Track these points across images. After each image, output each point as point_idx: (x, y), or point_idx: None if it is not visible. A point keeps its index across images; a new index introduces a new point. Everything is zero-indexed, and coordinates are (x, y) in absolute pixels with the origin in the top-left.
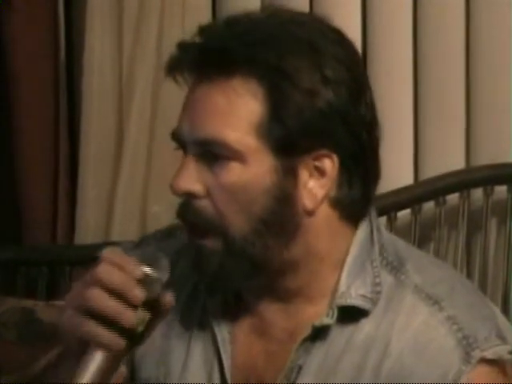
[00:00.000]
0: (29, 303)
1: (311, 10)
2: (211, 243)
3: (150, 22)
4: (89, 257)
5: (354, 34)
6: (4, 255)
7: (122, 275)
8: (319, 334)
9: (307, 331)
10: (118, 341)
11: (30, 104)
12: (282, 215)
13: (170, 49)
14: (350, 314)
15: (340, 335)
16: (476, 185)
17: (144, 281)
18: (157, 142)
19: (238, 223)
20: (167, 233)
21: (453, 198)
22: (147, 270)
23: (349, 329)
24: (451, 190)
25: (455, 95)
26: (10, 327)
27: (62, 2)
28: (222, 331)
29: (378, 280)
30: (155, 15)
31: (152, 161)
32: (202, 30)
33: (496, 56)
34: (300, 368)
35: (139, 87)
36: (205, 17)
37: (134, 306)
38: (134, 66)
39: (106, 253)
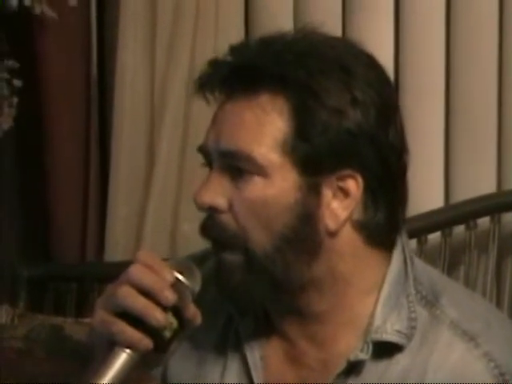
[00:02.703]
0: (58, 320)
1: (344, 32)
2: (232, 257)
3: (183, 39)
4: (118, 274)
5: (387, 54)
6: (34, 272)
7: (154, 276)
8: (353, 368)
9: (342, 365)
10: (145, 340)
11: (62, 121)
12: (303, 233)
13: (202, 67)
14: (385, 349)
15: (374, 370)
16: (507, 209)
17: (175, 286)
18: (188, 159)
19: (259, 239)
20: (201, 257)
21: (484, 222)
22: (179, 276)
23: (383, 363)
24: (482, 214)
25: (487, 118)
26: (39, 344)
27: (94, 19)
28: (254, 356)
29: (413, 315)
30: (188, 33)
31: (183, 179)
32: (233, 49)
33: None
34: None
35: (171, 105)
36: (237, 35)
37: (164, 309)
38: (166, 83)
39: (140, 254)
